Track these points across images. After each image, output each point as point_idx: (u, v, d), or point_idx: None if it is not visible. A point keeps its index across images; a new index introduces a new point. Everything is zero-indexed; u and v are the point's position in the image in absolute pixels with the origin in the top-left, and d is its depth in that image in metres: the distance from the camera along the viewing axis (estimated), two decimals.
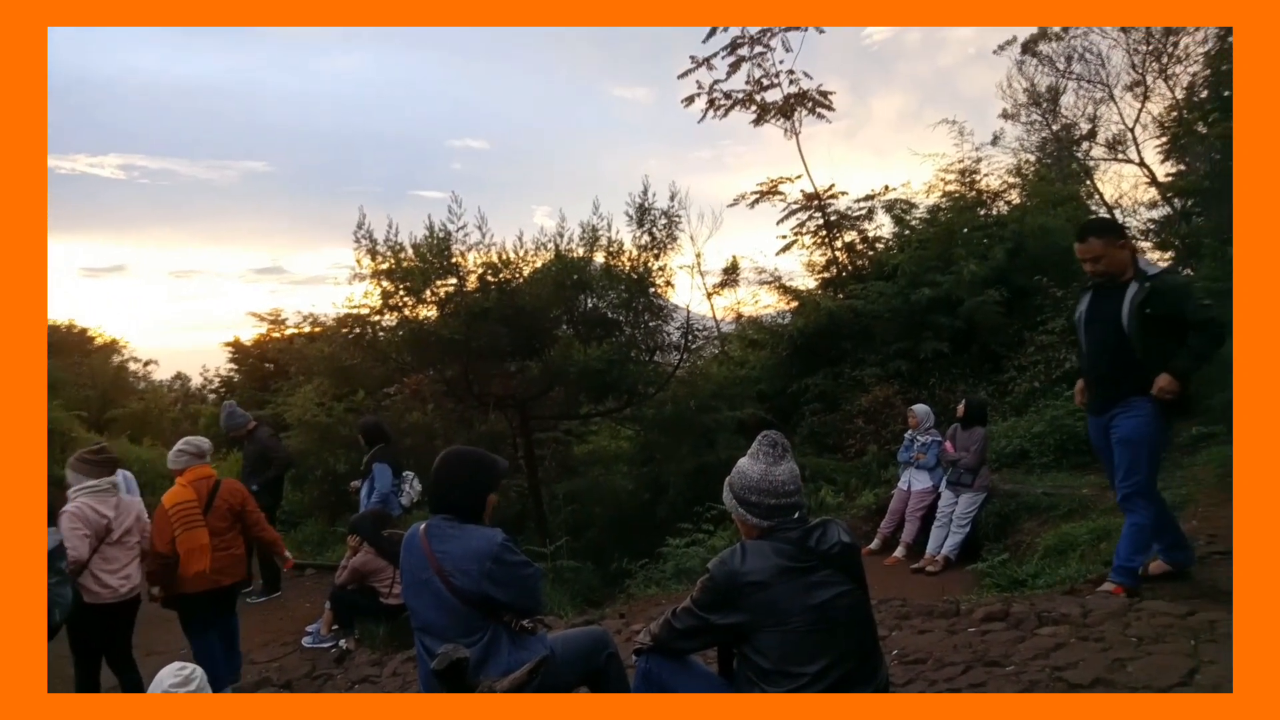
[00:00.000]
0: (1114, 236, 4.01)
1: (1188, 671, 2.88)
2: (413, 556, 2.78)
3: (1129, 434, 3.97)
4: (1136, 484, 3.98)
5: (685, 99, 15.45)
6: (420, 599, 2.75)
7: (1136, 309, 3.84)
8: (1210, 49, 21.00)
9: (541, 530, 9.58)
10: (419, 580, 2.74)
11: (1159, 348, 3.81)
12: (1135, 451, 3.96)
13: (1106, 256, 3.98)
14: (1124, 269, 3.96)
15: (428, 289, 9.29)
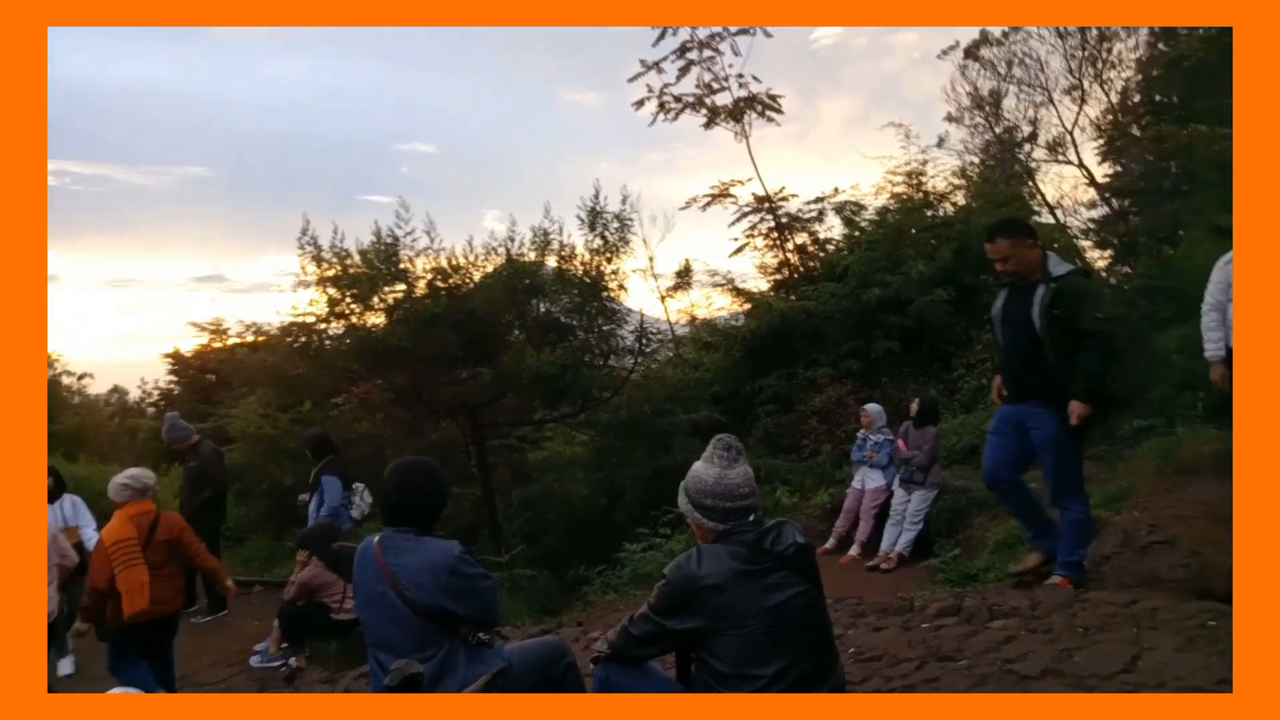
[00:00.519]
0: (1021, 236, 4.03)
1: (1130, 659, 2.94)
2: (366, 570, 2.70)
3: (1045, 439, 4.01)
4: (1061, 484, 4.05)
5: (636, 102, 15.46)
6: (374, 613, 2.67)
7: (1045, 310, 3.88)
8: (1141, 55, 21.75)
9: (496, 539, 9.47)
10: (373, 594, 2.66)
11: (1068, 348, 3.84)
12: (1055, 454, 4.01)
13: (1015, 256, 4.01)
14: (1033, 269, 3.99)
15: (375, 296, 9.14)
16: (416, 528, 2.73)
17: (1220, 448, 6.01)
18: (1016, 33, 22.54)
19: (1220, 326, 4.46)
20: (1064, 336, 3.83)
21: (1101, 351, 3.76)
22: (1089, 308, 3.80)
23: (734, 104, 15.12)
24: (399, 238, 9.26)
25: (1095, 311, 3.79)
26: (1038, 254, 4.00)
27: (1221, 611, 3.19)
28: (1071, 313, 3.79)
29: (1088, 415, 3.81)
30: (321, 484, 6.79)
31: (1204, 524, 4.54)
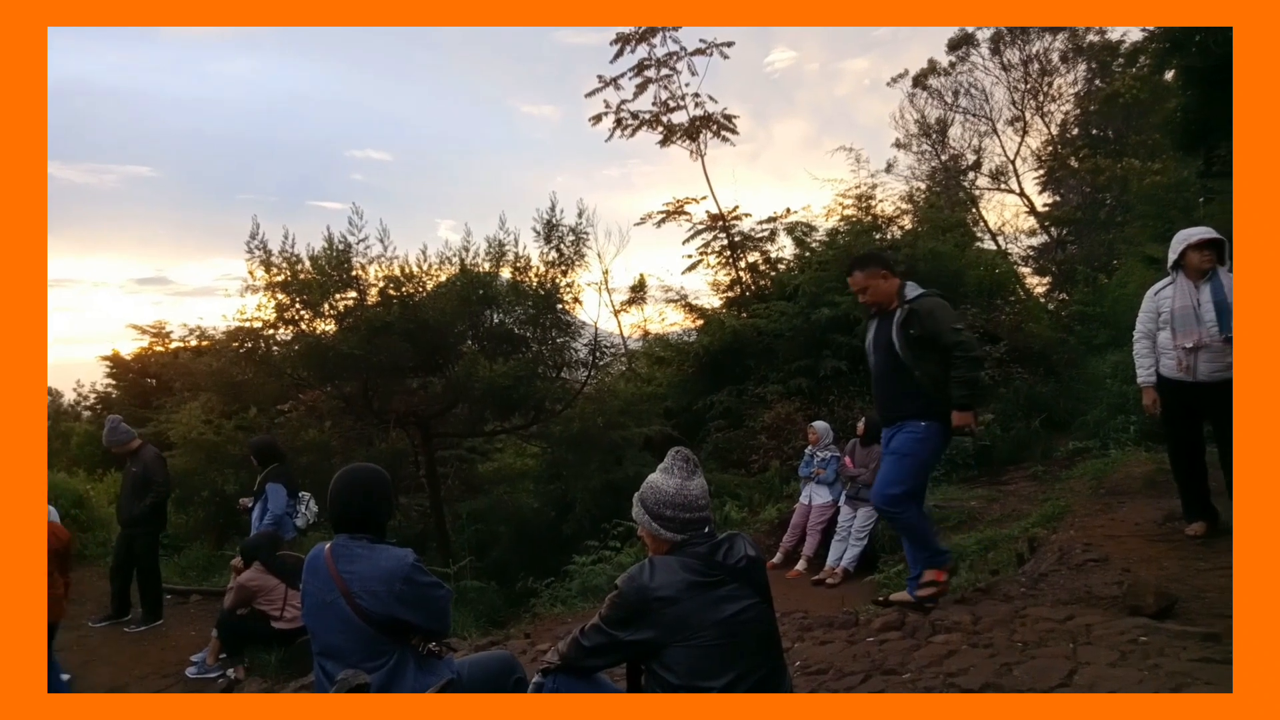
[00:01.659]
0: (875, 268, 4.20)
1: (1068, 673, 3.03)
2: (316, 577, 2.66)
3: (899, 447, 4.14)
4: (900, 490, 4.12)
5: (593, 118, 15.58)
6: (323, 622, 2.64)
7: (900, 330, 4.06)
8: (1080, 90, 22.65)
9: (444, 550, 9.35)
10: (322, 602, 2.62)
11: (926, 365, 3.99)
12: (900, 462, 4.12)
13: (871, 288, 4.18)
14: (890, 298, 4.16)
15: (326, 302, 9.00)
16: (370, 535, 2.72)
17: (1151, 469, 6.29)
18: (963, 63, 23.30)
19: (1150, 354, 4.66)
20: (926, 353, 3.99)
21: (968, 360, 3.91)
22: (943, 323, 3.95)
23: (690, 123, 15.34)
24: (351, 244, 9.13)
25: (953, 324, 3.96)
26: (893, 284, 4.17)
27: (1152, 628, 3.32)
28: (928, 331, 3.96)
29: (968, 424, 3.99)
30: (266, 491, 6.65)
31: (1135, 543, 4.73)
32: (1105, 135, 21.85)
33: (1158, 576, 4.00)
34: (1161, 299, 4.59)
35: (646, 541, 2.54)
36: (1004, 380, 9.93)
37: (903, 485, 4.10)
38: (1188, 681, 2.78)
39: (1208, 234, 4.47)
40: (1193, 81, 10.91)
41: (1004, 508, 6.85)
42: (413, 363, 9.44)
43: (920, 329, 3.98)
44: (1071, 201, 22.95)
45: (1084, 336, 11.97)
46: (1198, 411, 4.57)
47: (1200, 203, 10.94)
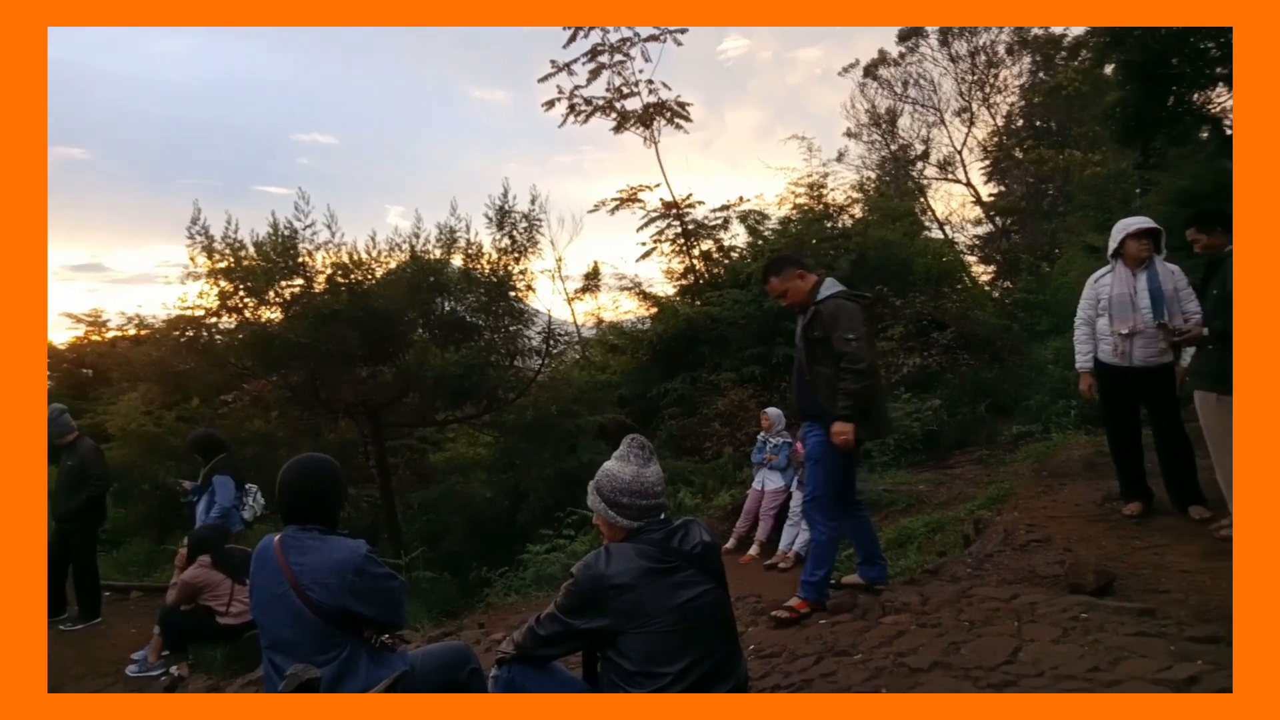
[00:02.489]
0: (790, 269, 4.15)
1: (1013, 651, 3.12)
2: (266, 570, 2.60)
3: (811, 452, 4.13)
4: (814, 500, 4.13)
5: (546, 103, 15.46)
6: (272, 615, 2.58)
7: (805, 331, 4.06)
8: (1024, 82, 23.17)
9: (396, 541, 9.25)
10: (271, 595, 2.57)
11: (823, 369, 3.97)
12: (816, 469, 4.11)
13: (790, 290, 4.13)
14: (804, 296, 4.11)
15: (271, 289, 8.80)
16: (321, 526, 2.66)
17: (1090, 452, 6.48)
18: (913, 54, 23.65)
19: (1090, 340, 4.79)
20: (825, 357, 3.95)
21: (851, 372, 3.82)
22: (839, 328, 3.87)
23: (643, 109, 15.32)
24: (297, 230, 8.95)
25: (846, 333, 3.85)
26: (809, 282, 4.11)
27: (1092, 605, 3.43)
28: (826, 333, 3.92)
29: (846, 438, 3.87)
30: (213, 484, 6.48)
31: (1075, 523, 4.87)
32: (1048, 127, 22.41)
33: (1097, 555, 4.12)
34: (1101, 286, 4.71)
35: (602, 529, 2.53)
36: (950, 366, 10.14)
37: (815, 490, 4.09)
38: (1125, 655, 2.87)
39: (1146, 224, 4.60)
40: (1131, 76, 11.23)
41: (951, 491, 7.01)
42: (362, 351, 9.28)
43: (821, 332, 3.94)
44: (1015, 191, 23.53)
45: (1027, 323, 12.30)
46: (1134, 396, 4.72)
47: (1138, 193, 11.27)
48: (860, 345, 3.81)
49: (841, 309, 3.93)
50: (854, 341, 3.81)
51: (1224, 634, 2.96)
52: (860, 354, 3.81)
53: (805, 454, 4.19)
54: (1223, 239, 4.16)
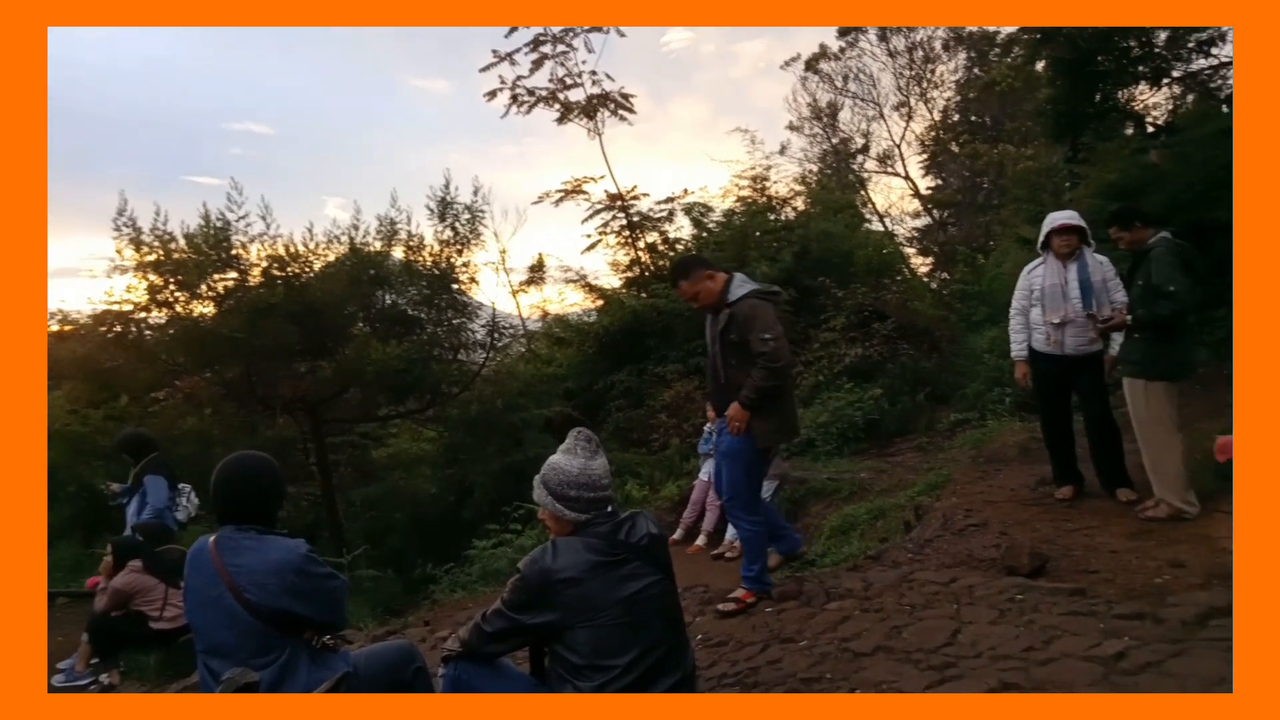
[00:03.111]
0: (699, 270, 4.14)
1: (952, 633, 3.20)
2: (200, 572, 2.52)
3: (725, 449, 4.16)
4: (733, 498, 4.17)
5: (487, 93, 15.27)
6: (207, 618, 2.50)
7: (720, 334, 4.07)
8: (960, 78, 23.71)
9: (337, 539, 9.08)
10: (207, 598, 2.49)
11: (741, 371, 3.98)
12: (730, 466, 4.14)
13: (701, 292, 4.11)
14: (716, 297, 4.09)
15: (203, 283, 8.56)
16: (259, 526, 2.59)
17: (1024, 438, 6.68)
18: (853, 48, 23.98)
19: (1024, 329, 4.94)
20: (742, 358, 3.96)
21: (768, 370, 3.86)
22: (756, 329, 3.89)
23: (587, 100, 15.23)
24: (230, 222, 8.71)
25: (763, 333, 3.87)
26: (718, 282, 4.09)
27: (1027, 586, 3.54)
28: (743, 336, 3.93)
29: (741, 421, 3.94)
30: (144, 484, 6.25)
31: (1010, 507, 5.02)
32: (983, 122, 22.97)
33: (1031, 538, 4.26)
34: (1034, 277, 4.86)
35: (548, 523, 2.52)
36: (891, 356, 10.34)
37: (732, 489, 4.12)
38: (1058, 634, 2.98)
39: (1067, 221, 4.75)
40: (1061, 72, 11.56)
41: (892, 478, 7.15)
42: (300, 346, 9.09)
43: (738, 334, 3.94)
44: (952, 185, 24.09)
45: (964, 314, 12.59)
46: (1066, 383, 4.88)
47: (1068, 187, 11.62)
48: (778, 344, 3.83)
49: (755, 310, 3.92)
50: (771, 341, 3.83)
51: (1149, 611, 3.09)
52: (778, 353, 3.83)
53: (720, 453, 4.18)
54: (1144, 232, 4.33)
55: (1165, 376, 4.24)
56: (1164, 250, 4.18)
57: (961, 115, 24.20)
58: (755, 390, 3.86)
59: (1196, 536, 3.94)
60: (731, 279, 4.09)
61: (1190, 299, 4.15)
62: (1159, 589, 3.37)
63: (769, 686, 3.05)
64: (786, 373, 3.92)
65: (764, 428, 3.98)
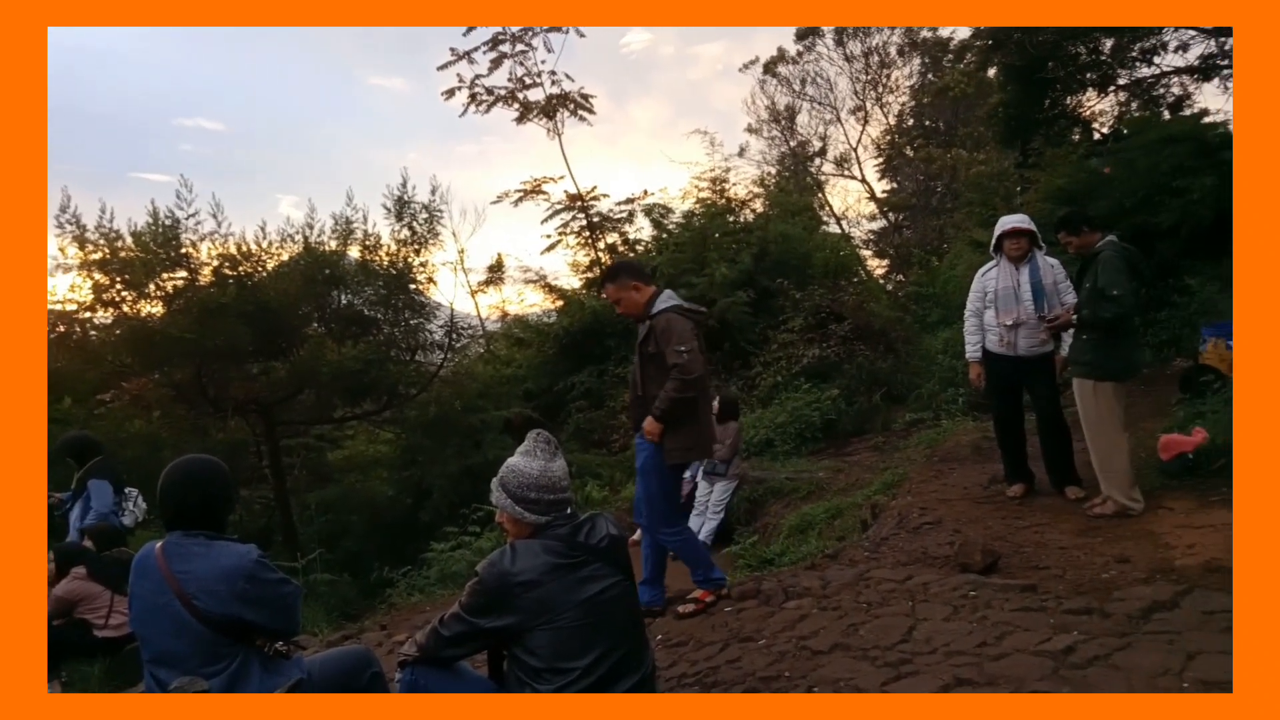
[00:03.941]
0: (625, 279, 4.13)
1: (908, 630, 3.25)
2: (147, 579, 2.45)
3: (641, 465, 4.16)
4: (650, 515, 4.15)
5: (446, 92, 15.15)
6: (155, 627, 2.44)
7: (640, 346, 4.08)
8: (914, 83, 24.12)
9: (291, 543, 8.91)
10: (154, 605, 2.43)
11: (658, 385, 3.96)
12: (644, 483, 4.14)
13: (623, 300, 4.12)
14: (639, 308, 4.09)
15: (152, 282, 8.34)
16: (208, 532, 2.53)
17: (977, 437, 6.82)
18: (810, 52, 24.25)
19: (978, 331, 5.03)
20: (659, 372, 3.95)
21: (680, 382, 3.84)
22: (672, 342, 3.88)
23: (546, 100, 15.18)
24: (180, 219, 8.49)
25: (678, 346, 3.86)
26: (644, 294, 4.08)
27: (980, 583, 3.61)
28: (659, 348, 3.92)
29: (654, 434, 3.94)
30: (88, 489, 6.07)
31: (964, 505, 5.12)
32: (937, 126, 23.39)
33: (984, 535, 4.34)
34: (987, 280, 4.96)
35: (507, 526, 2.49)
36: (848, 357, 10.47)
37: (648, 505, 4.10)
38: (1010, 630, 3.04)
39: (1018, 224, 4.86)
40: (1012, 78, 11.85)
41: (849, 477, 7.23)
42: (253, 347, 8.90)
43: (655, 346, 3.93)
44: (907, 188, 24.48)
45: (918, 315, 12.81)
46: (1018, 383, 4.99)
47: (1019, 191, 11.90)
48: (692, 358, 3.81)
49: (672, 324, 3.91)
50: (685, 354, 3.81)
51: (1096, 606, 3.17)
52: (691, 366, 3.81)
53: (638, 467, 4.15)
54: (1092, 237, 4.45)
55: (1112, 377, 4.35)
56: (1111, 254, 4.29)
57: (916, 120, 24.61)
58: (667, 402, 3.85)
59: (1141, 533, 4.05)
60: (659, 293, 4.07)
61: (1133, 302, 4.28)
62: (1106, 584, 3.46)
63: (728, 686, 3.06)
64: (699, 387, 3.89)
65: (674, 443, 3.96)
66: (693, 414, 3.96)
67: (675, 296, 4.09)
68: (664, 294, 4.08)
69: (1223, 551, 3.59)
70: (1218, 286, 8.22)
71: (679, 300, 4.07)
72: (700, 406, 4.02)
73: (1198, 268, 8.49)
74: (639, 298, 4.06)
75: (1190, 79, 11.54)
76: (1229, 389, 5.25)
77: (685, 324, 3.93)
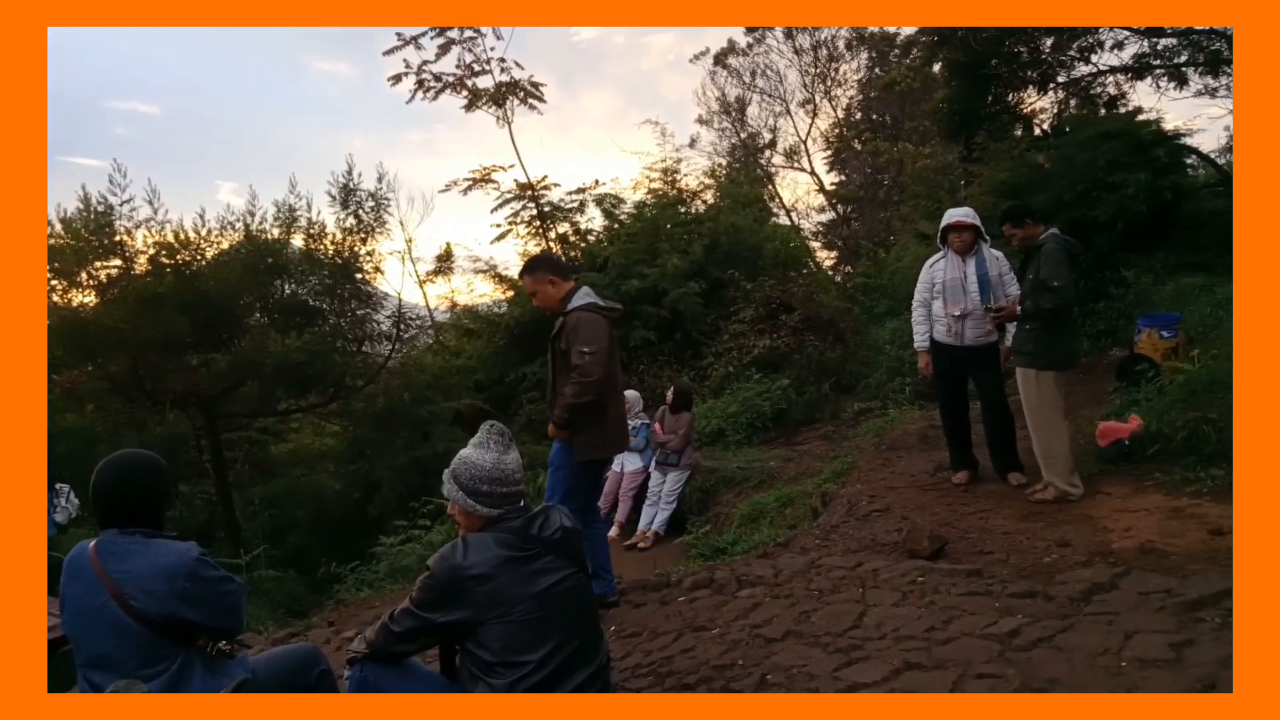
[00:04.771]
0: (542, 273, 4.10)
1: (858, 616, 3.30)
2: (80, 580, 2.36)
3: (552, 459, 4.17)
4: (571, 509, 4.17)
5: (392, 77, 14.82)
6: (88, 629, 2.35)
7: (552, 342, 4.07)
8: (862, 77, 24.42)
9: (234, 539, 8.70)
10: (88, 607, 2.33)
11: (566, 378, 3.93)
12: (553, 476, 4.14)
13: (539, 293, 4.09)
14: (554, 303, 4.06)
15: (84, 271, 8.04)
16: (144, 529, 2.44)
17: (923, 425, 6.95)
18: (760, 44, 24.37)
19: (926, 321, 5.12)
20: (566, 365, 3.92)
21: (579, 385, 3.83)
22: (579, 341, 3.87)
23: (496, 88, 14.97)
24: (113, 206, 8.21)
25: (582, 346, 3.85)
26: (560, 290, 4.04)
27: (928, 568, 3.68)
28: (568, 346, 3.91)
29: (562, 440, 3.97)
30: None
31: (911, 492, 5.21)
32: (884, 120, 23.72)
33: (930, 522, 4.43)
34: (935, 271, 5.05)
35: (458, 519, 2.46)
36: (798, 347, 10.59)
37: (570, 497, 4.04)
38: (957, 614, 3.10)
39: (959, 218, 4.96)
40: (956, 74, 12.08)
41: (799, 466, 7.32)
42: (192, 338, 8.66)
43: (565, 343, 3.92)
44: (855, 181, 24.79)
45: (866, 306, 13.01)
46: (964, 372, 5.10)
47: (963, 184, 12.14)
48: (593, 360, 3.78)
49: (582, 322, 3.88)
50: (588, 355, 3.79)
51: (1039, 589, 3.25)
52: (591, 369, 3.78)
53: (550, 460, 4.16)
54: (1035, 229, 4.56)
55: (1054, 366, 4.47)
56: (1054, 247, 4.40)
57: (864, 113, 24.92)
58: (566, 409, 3.84)
59: (1081, 517, 4.18)
60: (576, 289, 4.03)
61: (1072, 294, 4.40)
62: (1048, 568, 3.56)
63: (682, 675, 3.07)
64: (599, 390, 3.84)
65: (582, 441, 3.94)
66: (600, 413, 3.92)
67: (592, 294, 4.04)
68: (581, 290, 4.03)
69: (1157, 534, 3.73)
70: (1152, 278, 8.52)
71: (595, 298, 4.02)
72: (609, 404, 3.98)
73: (1133, 260, 8.79)
74: (555, 292, 4.02)
75: (1124, 78, 11.89)
76: (1162, 377, 5.45)
77: (598, 324, 3.89)
